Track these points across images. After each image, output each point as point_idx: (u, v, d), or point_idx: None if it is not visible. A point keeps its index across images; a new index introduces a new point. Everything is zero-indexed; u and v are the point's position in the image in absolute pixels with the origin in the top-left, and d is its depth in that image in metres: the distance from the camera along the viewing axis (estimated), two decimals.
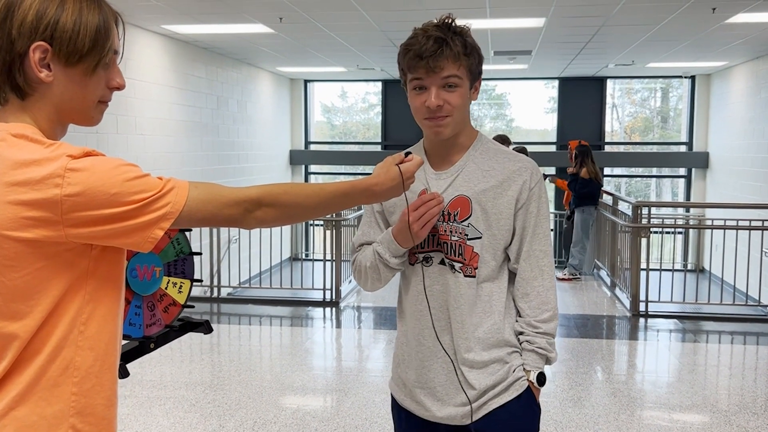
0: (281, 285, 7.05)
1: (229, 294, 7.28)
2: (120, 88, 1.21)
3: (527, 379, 1.68)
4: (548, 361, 1.70)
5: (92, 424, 1.14)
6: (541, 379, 1.69)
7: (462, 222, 1.66)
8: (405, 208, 1.63)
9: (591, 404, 3.99)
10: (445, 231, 1.67)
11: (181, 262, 1.65)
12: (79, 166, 1.05)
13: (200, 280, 1.70)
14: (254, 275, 8.39)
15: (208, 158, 8.78)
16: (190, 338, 5.21)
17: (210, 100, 8.80)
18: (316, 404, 4.10)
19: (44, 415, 1.10)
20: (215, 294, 6.83)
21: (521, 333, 1.69)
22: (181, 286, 1.64)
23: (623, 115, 12.70)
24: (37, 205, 1.03)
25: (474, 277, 1.66)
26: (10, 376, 1.10)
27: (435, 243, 1.68)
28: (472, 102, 1.71)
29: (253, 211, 1.21)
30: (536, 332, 1.67)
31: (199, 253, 1.73)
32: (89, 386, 1.14)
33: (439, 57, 1.55)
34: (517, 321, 1.71)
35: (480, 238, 1.65)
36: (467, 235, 1.65)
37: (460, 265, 1.66)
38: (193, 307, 1.70)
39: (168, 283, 1.61)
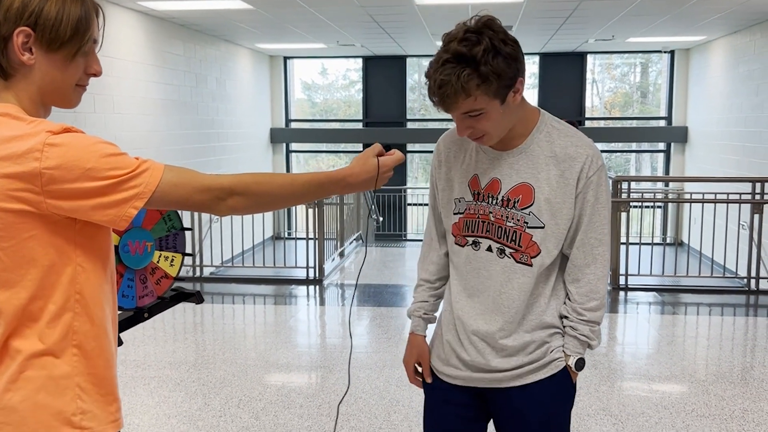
0: (264, 264, 7.05)
1: (211, 273, 7.26)
2: (97, 74, 1.30)
3: (566, 363, 1.70)
4: (590, 347, 1.71)
5: (95, 384, 1.25)
6: (580, 364, 1.71)
7: (522, 210, 1.63)
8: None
9: None
10: (501, 216, 1.65)
11: (172, 237, 1.70)
12: (57, 141, 1.13)
13: (191, 254, 1.75)
14: (237, 254, 8.37)
15: (188, 137, 8.71)
16: (174, 317, 5.21)
17: (188, 78, 8.71)
18: (300, 381, 4.13)
19: (53, 376, 1.20)
20: (198, 273, 6.82)
21: (566, 317, 1.70)
22: (172, 260, 1.69)
23: (603, 90, 12.76)
24: (20, 178, 1.12)
25: (530, 265, 1.64)
26: (13, 341, 1.19)
27: (485, 228, 1.67)
28: None
29: (225, 198, 1.27)
30: (581, 319, 1.67)
31: (190, 229, 1.77)
32: (89, 349, 1.24)
33: (446, 100, 1.51)
34: (565, 304, 1.71)
35: (542, 228, 1.62)
36: (527, 223, 1.63)
37: (512, 251, 1.64)
38: (184, 279, 1.73)
39: (160, 257, 1.66)
